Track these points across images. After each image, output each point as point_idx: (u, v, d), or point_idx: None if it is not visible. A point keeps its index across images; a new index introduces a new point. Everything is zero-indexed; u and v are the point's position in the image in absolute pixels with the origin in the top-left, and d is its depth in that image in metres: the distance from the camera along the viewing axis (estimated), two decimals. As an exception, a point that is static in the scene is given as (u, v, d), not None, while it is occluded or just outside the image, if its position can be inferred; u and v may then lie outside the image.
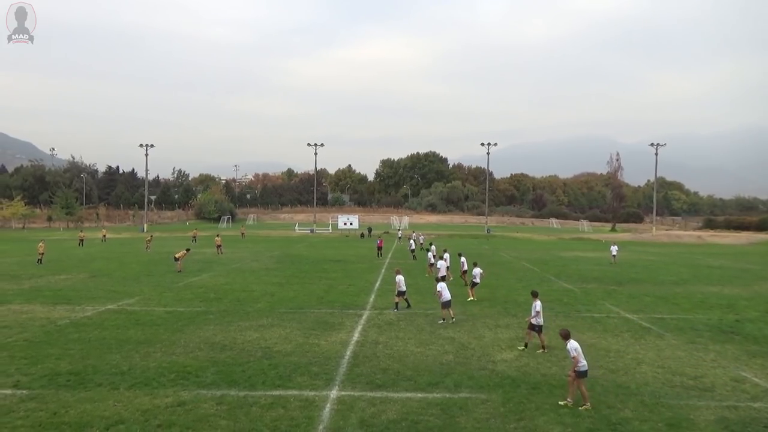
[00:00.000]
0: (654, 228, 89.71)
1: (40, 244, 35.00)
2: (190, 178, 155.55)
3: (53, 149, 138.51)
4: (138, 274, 28.96)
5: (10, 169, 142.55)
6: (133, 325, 16.78)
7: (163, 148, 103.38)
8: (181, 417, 9.78)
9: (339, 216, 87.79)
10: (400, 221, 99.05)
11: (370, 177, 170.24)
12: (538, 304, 14.42)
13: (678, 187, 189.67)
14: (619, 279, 28.95)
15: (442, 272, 23.06)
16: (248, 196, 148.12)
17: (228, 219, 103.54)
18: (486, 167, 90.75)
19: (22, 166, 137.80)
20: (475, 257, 31.41)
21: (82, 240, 51.20)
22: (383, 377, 12.04)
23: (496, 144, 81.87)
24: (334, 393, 11.07)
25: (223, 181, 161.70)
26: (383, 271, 31.58)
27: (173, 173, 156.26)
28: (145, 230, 79.40)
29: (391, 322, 17.53)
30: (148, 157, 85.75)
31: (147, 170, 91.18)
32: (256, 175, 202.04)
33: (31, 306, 19.68)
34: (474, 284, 22.29)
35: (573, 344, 10.80)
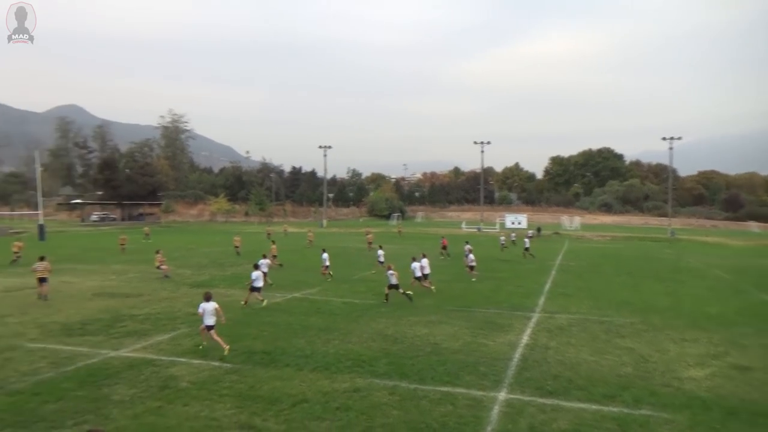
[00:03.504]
0: None
1: (236, 237, 39.43)
2: (363, 177, 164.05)
3: (248, 152, 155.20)
4: (318, 266, 31.26)
5: (216, 170, 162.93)
6: (314, 313, 18.17)
7: (339, 149, 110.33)
8: (357, 402, 10.36)
9: (506, 215, 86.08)
10: (570, 221, 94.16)
11: (539, 175, 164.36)
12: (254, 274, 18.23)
13: None
14: (841, 294, 24.39)
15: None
16: (417, 194, 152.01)
17: (398, 216, 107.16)
18: (669, 164, 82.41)
19: (224, 167, 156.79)
20: (633, 261, 28.62)
21: (269, 234, 56.73)
22: (554, 384, 11.56)
23: (680, 138, 73.96)
24: (502, 395, 10.91)
25: (393, 180, 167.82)
26: (554, 272, 30.31)
27: (348, 173, 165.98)
28: (324, 225, 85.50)
29: (563, 327, 16.77)
30: (327, 157, 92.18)
31: (325, 170, 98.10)
32: (425, 174, 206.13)
33: (232, 290, 22.31)
34: (417, 278, 22.16)
35: (204, 306, 13.42)
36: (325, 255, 26.64)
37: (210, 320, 13.35)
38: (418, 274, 22.23)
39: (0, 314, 17.46)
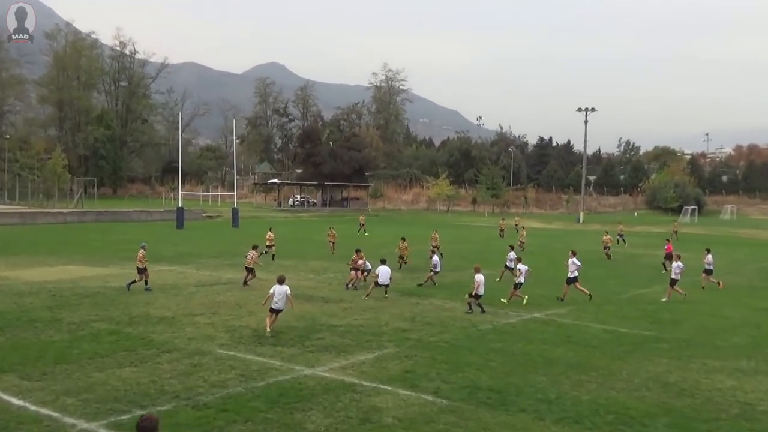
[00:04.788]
0: None
1: (434, 235, 40.19)
2: (641, 153, 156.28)
3: (480, 119, 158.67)
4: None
5: (437, 142, 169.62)
6: (563, 342, 17.89)
7: (605, 113, 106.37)
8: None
9: None
10: None
11: None
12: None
13: None
14: None
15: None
16: (724, 178, 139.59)
17: (693, 210, 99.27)
18: None
19: (448, 138, 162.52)
20: None
21: (502, 231, 56.70)
22: None
23: None
24: None
25: (688, 156, 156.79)
26: None
27: (618, 146, 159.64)
28: (581, 221, 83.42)
29: None
30: (588, 125, 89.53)
31: (585, 143, 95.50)
32: (738, 148, 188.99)
33: (452, 303, 23.06)
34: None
35: (276, 288, 17.60)
36: (436, 258, 28.32)
37: (279, 303, 17.52)
38: (521, 279, 23.65)
39: (190, 312, 20.49)
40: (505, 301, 23.27)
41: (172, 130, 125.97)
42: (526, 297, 23.45)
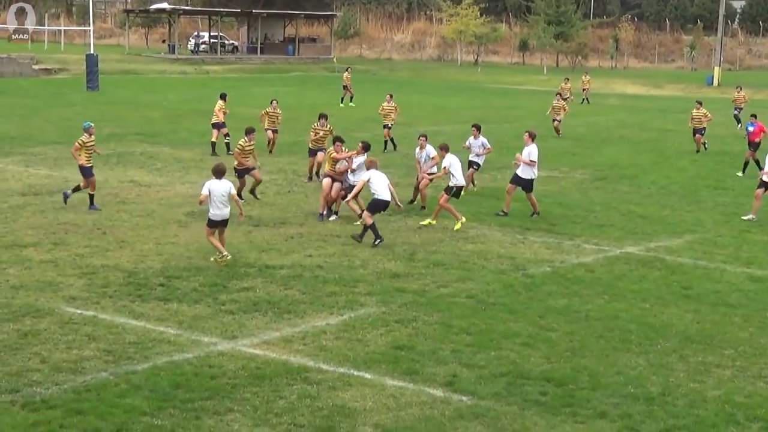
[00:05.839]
0: None
1: (385, 108, 39.97)
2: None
3: None
4: (697, 181, 30.84)
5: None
6: (676, 297, 18.15)
7: None
8: None
9: None
10: None
11: None
12: None
13: None
14: None
15: None
16: None
17: None
18: None
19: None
20: None
21: (566, 99, 56.44)
22: None
23: None
24: None
25: None
26: None
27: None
28: (715, 82, 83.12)
29: None
30: None
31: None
32: None
33: (482, 228, 23.47)
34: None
35: (212, 186, 18.98)
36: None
37: (223, 211, 19.09)
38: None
39: (14, 242, 20.56)
40: (431, 221, 23.93)
41: None
42: (463, 219, 23.54)
